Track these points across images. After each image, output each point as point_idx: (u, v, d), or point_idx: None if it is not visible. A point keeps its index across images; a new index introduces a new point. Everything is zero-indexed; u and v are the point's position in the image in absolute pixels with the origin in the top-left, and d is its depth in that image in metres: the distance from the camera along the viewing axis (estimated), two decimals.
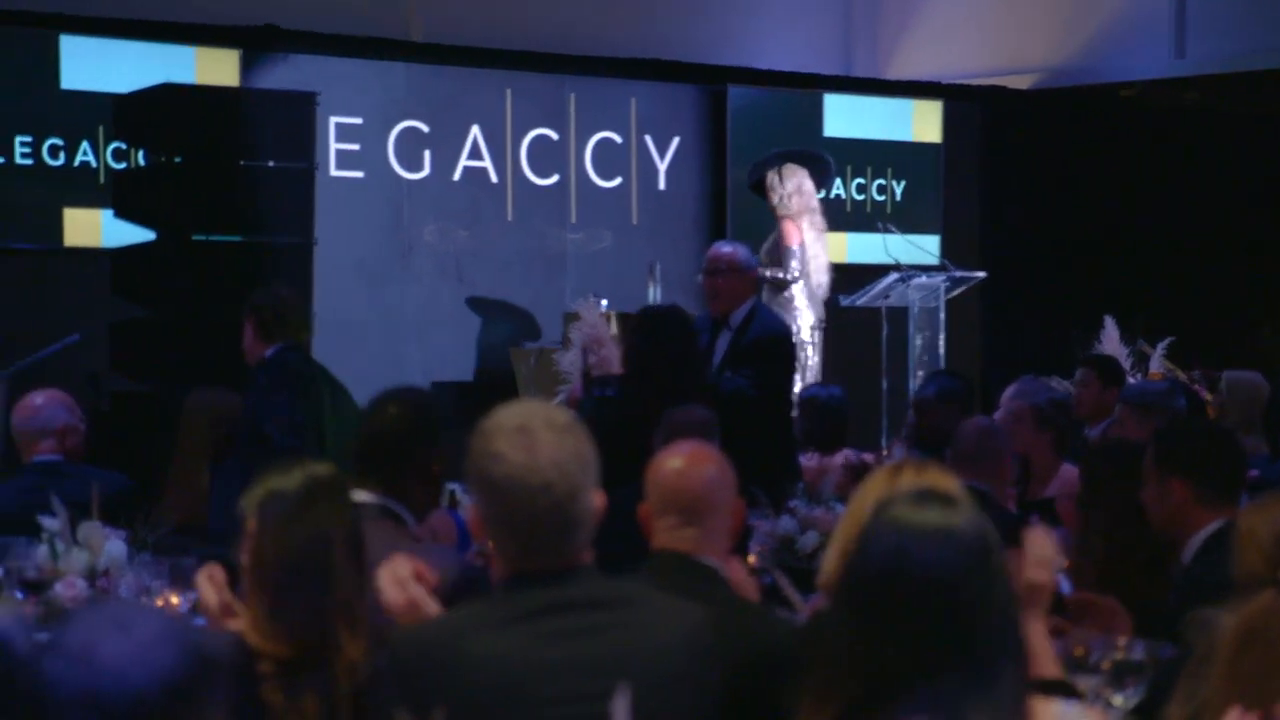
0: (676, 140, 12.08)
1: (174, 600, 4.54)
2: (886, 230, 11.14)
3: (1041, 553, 3.38)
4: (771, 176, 10.02)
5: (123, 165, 9.70)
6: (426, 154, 11.14)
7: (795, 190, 9.99)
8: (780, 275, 9.86)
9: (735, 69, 12.34)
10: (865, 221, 12.34)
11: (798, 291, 10.03)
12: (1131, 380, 8.14)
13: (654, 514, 3.64)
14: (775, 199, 10.05)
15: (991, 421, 5.99)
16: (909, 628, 2.37)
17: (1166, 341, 9.66)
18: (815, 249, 10.07)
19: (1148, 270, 12.92)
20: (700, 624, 3.09)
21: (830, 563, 3.49)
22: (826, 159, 10.19)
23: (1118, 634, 3.60)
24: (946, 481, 3.40)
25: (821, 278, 10.09)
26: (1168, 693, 2.90)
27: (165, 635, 2.07)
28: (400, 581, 3.22)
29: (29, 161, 9.72)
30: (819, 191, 10.34)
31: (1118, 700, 3.46)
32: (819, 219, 10.08)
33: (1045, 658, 3.22)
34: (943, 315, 10.74)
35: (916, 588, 2.38)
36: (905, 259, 10.74)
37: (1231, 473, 4.32)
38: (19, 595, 4.79)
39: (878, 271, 10.68)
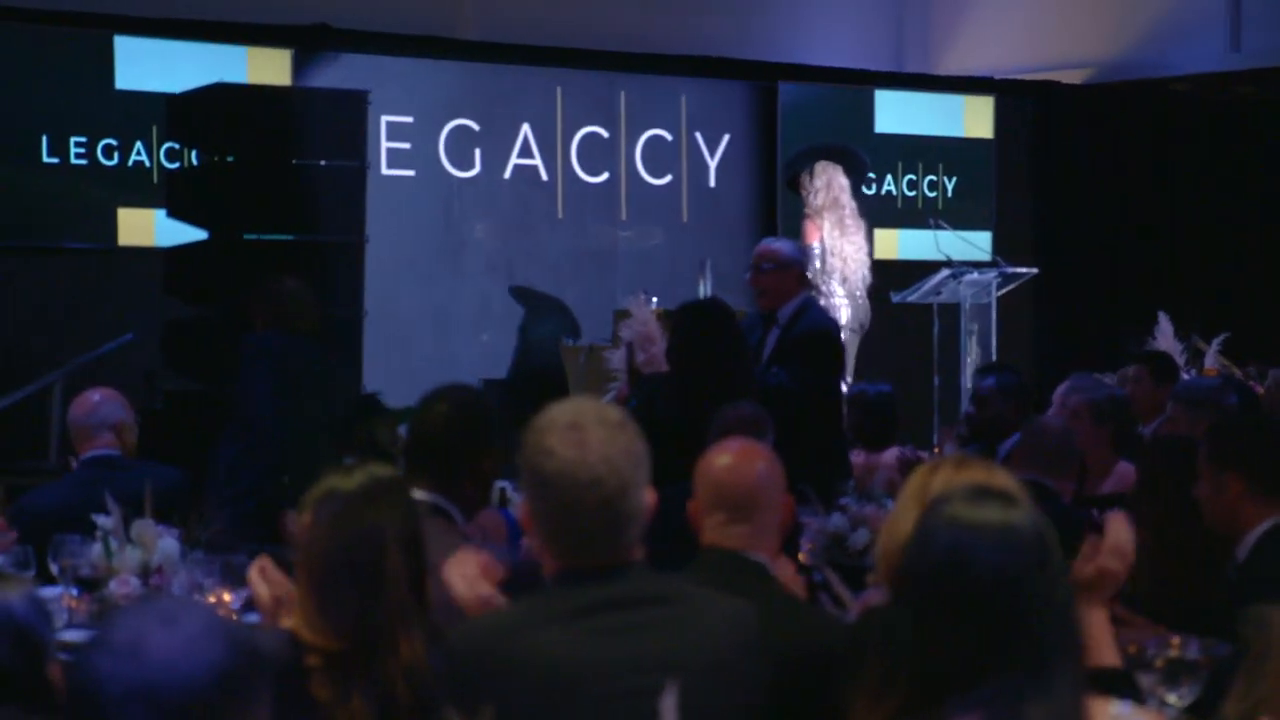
0: (727, 137, 12.07)
1: (226, 597, 4.55)
2: (938, 226, 11.10)
3: (1119, 541, 3.37)
4: (804, 173, 9.96)
5: (176, 165, 9.77)
6: (477, 152, 11.17)
7: (824, 186, 9.92)
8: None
9: (786, 65, 12.32)
10: (917, 218, 12.31)
11: (838, 289, 9.97)
12: (1185, 376, 8.08)
13: (702, 511, 3.63)
14: (805, 196, 9.99)
15: (1061, 422, 5.95)
16: (967, 625, 2.37)
17: (1221, 337, 9.57)
18: (842, 246, 9.98)
19: (1202, 265, 12.83)
20: (749, 621, 3.08)
21: (880, 559, 3.47)
22: (861, 155, 10.13)
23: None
24: (993, 477, 3.38)
25: (854, 277, 9.96)
26: (1223, 691, 2.88)
27: (212, 628, 2.09)
28: (468, 579, 3.24)
29: (84, 162, 9.79)
30: (861, 188, 10.26)
31: (1172, 699, 3.43)
32: (850, 217, 9.98)
33: (1106, 646, 3.20)
34: (994, 311, 10.69)
35: (975, 585, 2.37)
36: (957, 255, 10.69)
37: None
38: (74, 592, 4.82)
39: (929, 268, 10.63)
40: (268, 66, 10.21)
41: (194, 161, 8.92)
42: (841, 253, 10.04)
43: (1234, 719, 2.84)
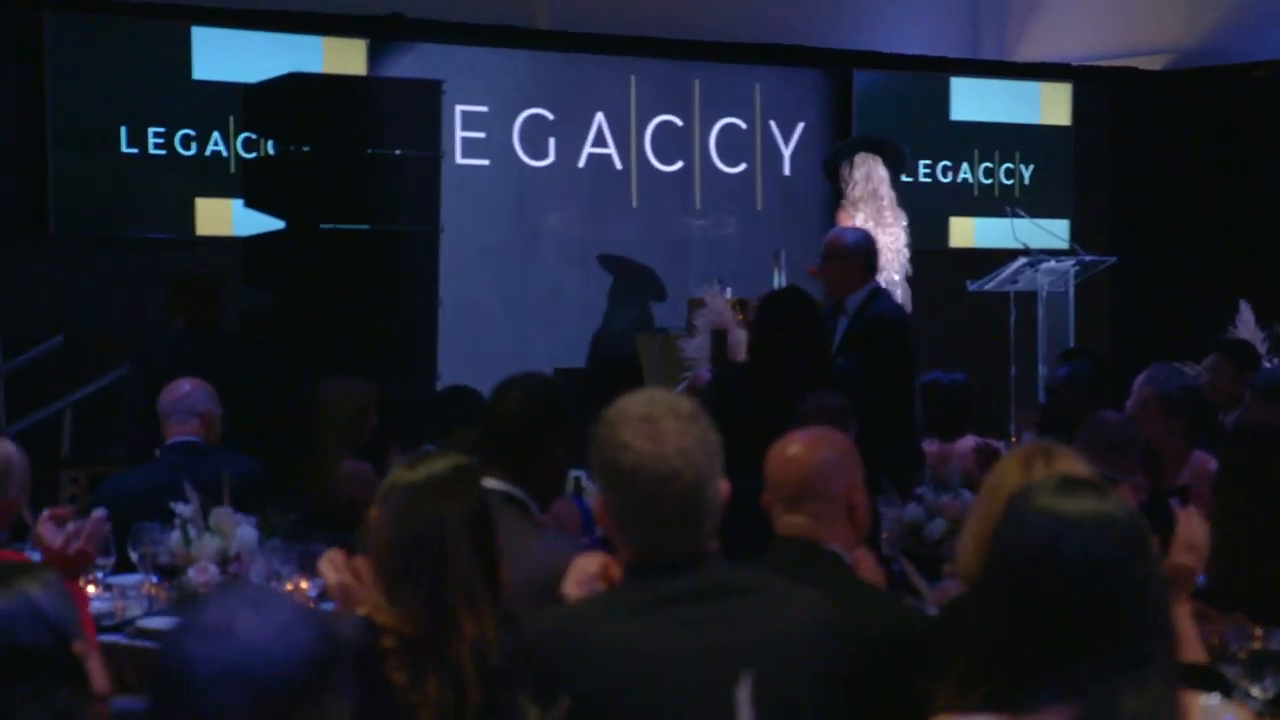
0: (801, 125, 12.03)
1: (303, 585, 4.59)
2: (1014, 214, 11.03)
3: (1192, 537, 3.34)
4: (844, 164, 9.91)
5: (253, 155, 9.83)
6: (551, 141, 11.18)
7: (864, 178, 9.86)
8: None
9: (860, 53, 12.27)
10: (993, 206, 12.23)
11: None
12: (1267, 365, 7.99)
13: (772, 501, 3.63)
14: (844, 187, 9.95)
15: (1122, 414, 5.89)
16: (1063, 614, 2.36)
17: None
18: (878, 235, 9.91)
19: None
20: (825, 611, 3.07)
21: (966, 550, 3.45)
22: (900, 147, 10.05)
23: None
24: (1080, 468, 3.36)
25: (889, 267, 9.84)
26: None
27: (300, 615, 2.12)
28: (581, 584, 3.26)
29: (162, 152, 9.87)
30: (900, 178, 10.18)
31: (1255, 691, 3.40)
32: (889, 208, 9.90)
33: (1190, 642, 3.18)
34: (1072, 300, 10.62)
35: (1072, 575, 2.36)
36: (1034, 243, 10.62)
37: None
38: (153, 579, 4.87)
39: (1006, 256, 10.57)
40: (343, 56, 10.26)
41: (270, 151, 8.98)
42: (878, 243, 9.97)
43: None
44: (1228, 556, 4.18)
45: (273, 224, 8.19)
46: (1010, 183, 12.68)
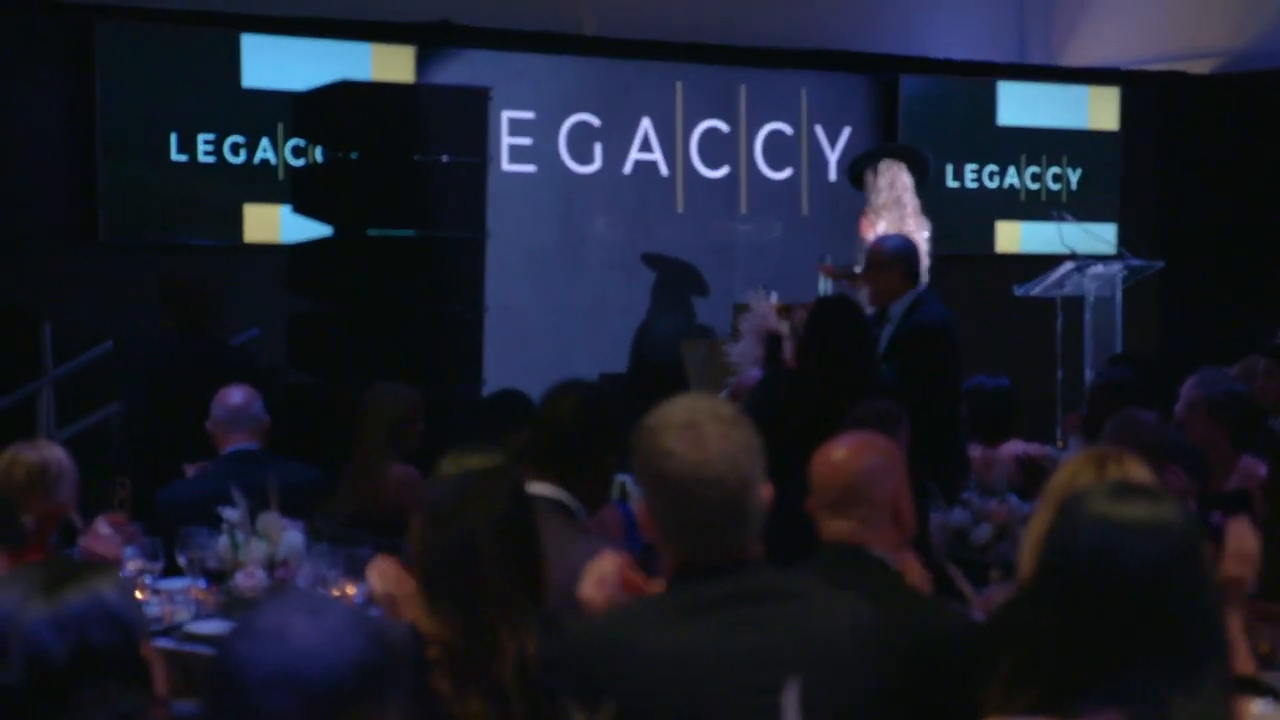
0: (847, 131, 12.02)
1: (350, 590, 4.61)
2: (1061, 219, 10.99)
3: (1242, 546, 3.32)
4: (869, 171, 9.88)
5: (301, 162, 9.89)
6: (597, 147, 11.21)
7: (888, 185, 9.82)
8: (852, 269, 9.64)
9: (907, 58, 12.25)
10: (1040, 210, 12.19)
11: None
12: None
13: (817, 506, 3.64)
14: (867, 194, 9.92)
15: (1152, 414, 5.83)
16: (1115, 620, 2.37)
17: None
18: None
19: None
20: (870, 616, 3.07)
21: (1026, 552, 3.44)
22: (925, 154, 10.01)
23: None
24: (1144, 474, 3.35)
25: None
26: None
27: (352, 621, 2.13)
28: (598, 586, 3.27)
29: (211, 159, 9.94)
30: (922, 185, 10.14)
31: None
32: (912, 215, 9.87)
33: (1240, 653, 3.17)
34: (1119, 305, 10.57)
35: (1126, 581, 2.37)
36: (1080, 248, 10.58)
37: None
38: (201, 584, 4.90)
39: (1053, 261, 10.53)
40: (392, 63, 10.31)
41: (319, 158, 9.02)
42: None
43: None
44: (1277, 559, 4.16)
45: (320, 230, 8.24)
46: (1057, 187, 12.64)
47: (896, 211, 9.71)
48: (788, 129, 11.84)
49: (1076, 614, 2.39)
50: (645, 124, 11.38)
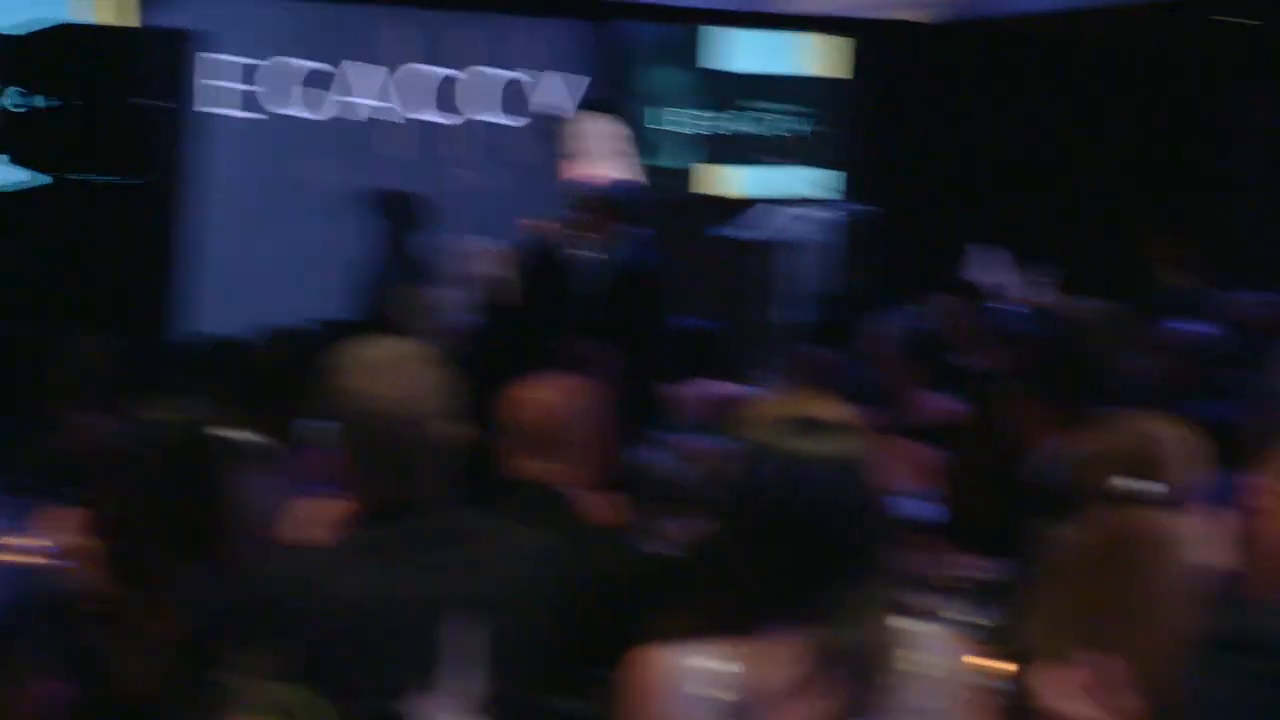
0: (565, 76, 11.97)
1: (12, 541, 4.49)
2: (781, 164, 11.14)
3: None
4: (580, 117, 9.95)
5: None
6: (315, 92, 11.07)
7: (599, 132, 9.88)
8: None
9: (625, 3, 12.25)
10: (755, 156, 12.35)
11: None
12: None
13: (510, 445, 3.66)
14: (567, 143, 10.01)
15: (815, 352, 6.01)
16: (798, 549, 2.46)
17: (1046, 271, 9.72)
18: None
19: (1049, 205, 12.94)
20: (553, 552, 3.10)
21: (720, 492, 3.50)
22: (622, 103, 10.09)
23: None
24: (823, 408, 3.43)
25: None
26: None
27: None
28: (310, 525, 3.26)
29: None
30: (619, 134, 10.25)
31: (980, 619, 3.51)
32: (624, 160, 9.96)
33: None
34: (838, 250, 10.76)
35: (808, 513, 2.46)
36: (799, 193, 10.75)
37: None
38: None
39: (766, 205, 10.69)
40: (114, 7, 9.98)
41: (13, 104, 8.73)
42: None
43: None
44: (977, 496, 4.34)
45: (18, 177, 8.02)
46: (779, 133, 12.78)
47: (608, 158, 9.76)
48: (504, 74, 11.80)
49: (762, 544, 2.47)
50: (362, 68, 11.25)
